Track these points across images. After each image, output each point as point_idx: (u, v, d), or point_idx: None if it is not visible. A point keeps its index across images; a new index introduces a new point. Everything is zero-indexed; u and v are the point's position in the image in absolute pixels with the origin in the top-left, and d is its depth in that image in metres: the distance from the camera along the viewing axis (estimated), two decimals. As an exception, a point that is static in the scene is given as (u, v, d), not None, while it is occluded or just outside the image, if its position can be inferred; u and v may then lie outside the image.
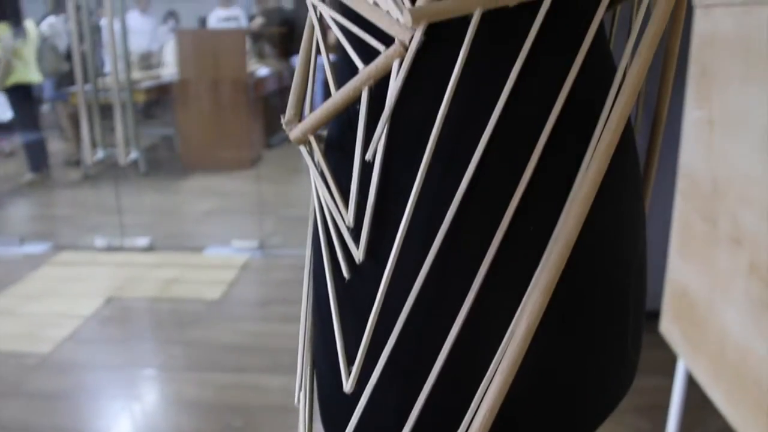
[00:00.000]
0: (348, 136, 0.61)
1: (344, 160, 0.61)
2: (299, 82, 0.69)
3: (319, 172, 0.63)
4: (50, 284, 3.51)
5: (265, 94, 6.47)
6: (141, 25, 7.29)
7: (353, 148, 0.58)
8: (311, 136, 0.63)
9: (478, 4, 0.50)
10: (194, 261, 3.72)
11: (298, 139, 0.64)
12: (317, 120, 0.61)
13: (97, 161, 4.07)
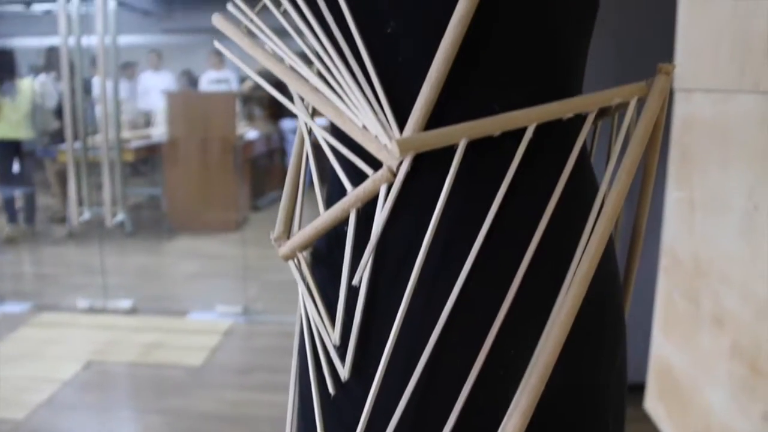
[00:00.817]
0: (335, 253, 0.62)
1: (331, 276, 0.63)
2: (288, 198, 0.71)
3: (306, 289, 0.65)
4: (29, 346, 3.46)
5: (253, 156, 6.52)
6: (155, 83, 7.40)
7: (340, 264, 0.59)
8: (300, 254, 0.65)
9: (463, 134, 0.52)
10: (177, 325, 3.69)
11: (287, 256, 0.66)
12: (306, 238, 0.63)
13: (83, 221, 4.06)
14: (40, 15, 11.12)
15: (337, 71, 0.58)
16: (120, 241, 5.45)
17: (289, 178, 0.72)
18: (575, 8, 0.60)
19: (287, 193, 0.72)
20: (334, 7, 0.58)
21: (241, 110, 6.82)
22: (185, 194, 5.92)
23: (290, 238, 0.67)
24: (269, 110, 7.72)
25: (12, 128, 5.76)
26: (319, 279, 0.65)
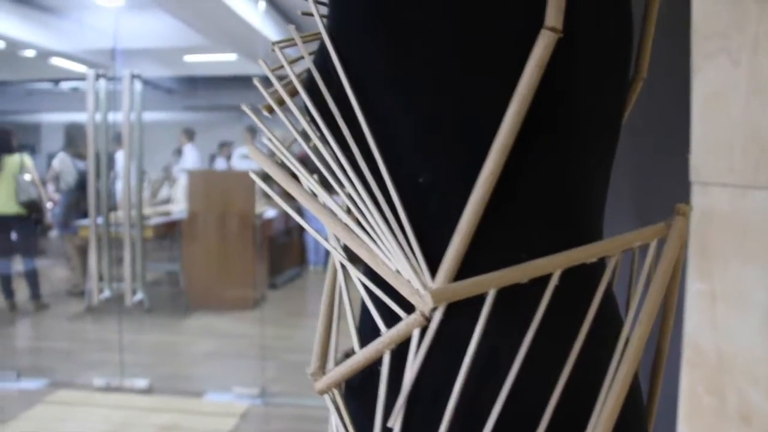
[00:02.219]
0: (369, 388, 0.64)
1: (364, 411, 0.65)
2: (322, 331, 0.73)
3: (340, 421, 0.67)
4: (43, 425, 3.45)
5: (271, 234, 6.57)
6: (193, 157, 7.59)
7: (373, 399, 0.62)
8: (335, 389, 0.67)
9: (492, 284, 0.55)
10: (193, 407, 3.66)
11: (322, 391, 0.68)
12: (342, 375, 0.66)
13: (103, 299, 4.10)
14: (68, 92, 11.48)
15: (371, 217, 0.61)
16: (137, 317, 5.47)
17: (323, 311, 0.75)
18: (596, 159, 0.64)
19: (322, 325, 0.74)
20: (368, 155, 0.62)
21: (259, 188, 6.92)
22: (203, 271, 5.95)
23: (326, 372, 0.70)
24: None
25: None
26: (353, 412, 0.68)
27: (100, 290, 4.10)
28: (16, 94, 11.02)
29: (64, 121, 10.25)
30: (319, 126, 0.67)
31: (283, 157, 0.73)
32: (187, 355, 4.84)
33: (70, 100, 11.71)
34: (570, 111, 0.60)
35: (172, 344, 5.09)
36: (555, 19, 0.54)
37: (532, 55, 0.55)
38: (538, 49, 0.54)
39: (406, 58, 0.60)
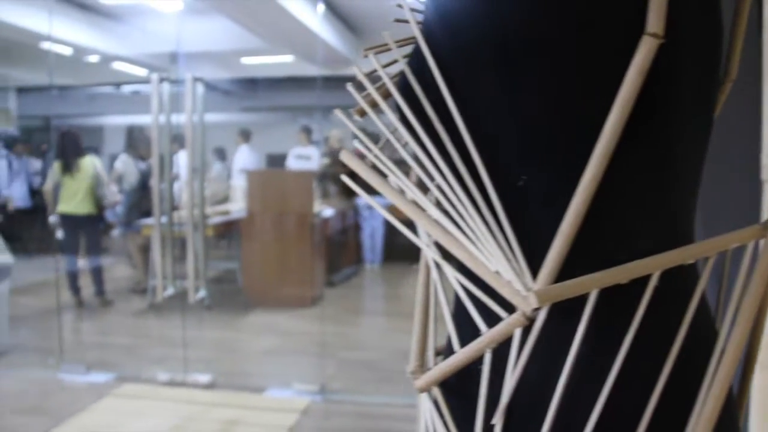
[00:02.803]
0: (469, 385, 0.66)
1: (462, 408, 0.66)
2: (419, 330, 0.74)
3: (440, 419, 0.68)
4: (112, 417, 3.55)
5: (328, 233, 6.63)
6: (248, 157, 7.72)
7: (472, 397, 0.63)
8: (435, 387, 0.68)
9: (595, 284, 0.56)
10: (255, 402, 3.73)
11: (423, 389, 0.69)
12: (442, 374, 0.67)
13: (167, 296, 4.20)
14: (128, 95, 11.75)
15: (470, 218, 0.63)
16: (198, 314, 5.58)
17: (419, 309, 0.76)
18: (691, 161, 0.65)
19: (418, 323, 0.76)
20: (466, 157, 0.63)
21: (316, 187, 6.98)
22: (262, 270, 6.04)
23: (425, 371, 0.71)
24: (342, 187, 7.89)
25: (69, 203, 6.05)
26: (453, 407, 0.69)
27: (164, 288, 4.19)
28: (80, 98, 11.32)
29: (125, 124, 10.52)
30: (415, 128, 0.68)
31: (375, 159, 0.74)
32: (248, 351, 4.93)
33: (131, 103, 12.00)
34: (668, 114, 0.61)
35: (232, 341, 5.18)
36: (657, 25, 0.55)
37: (634, 62, 0.56)
38: (640, 56, 0.55)
39: (509, 65, 0.62)
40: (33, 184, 9.60)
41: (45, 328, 5.85)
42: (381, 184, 0.73)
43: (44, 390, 4.00)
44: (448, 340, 0.74)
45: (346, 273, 7.31)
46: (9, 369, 4.41)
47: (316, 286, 6.11)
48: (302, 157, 7.72)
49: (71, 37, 8.20)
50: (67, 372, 4.24)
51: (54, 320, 5.99)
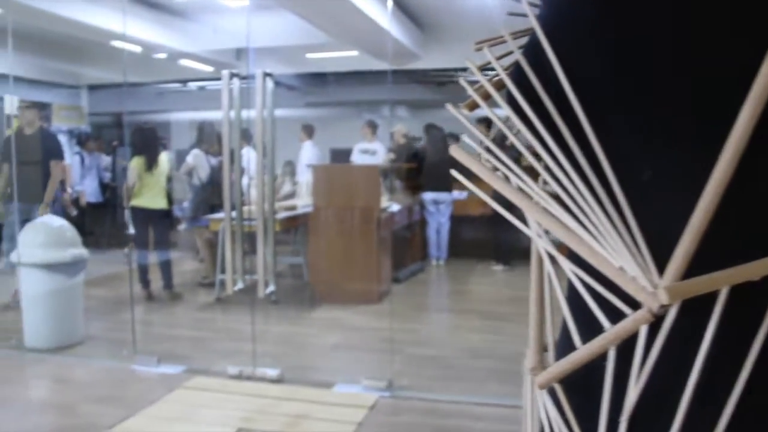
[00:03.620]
0: (592, 383, 0.63)
1: (586, 403, 0.64)
2: (536, 325, 0.72)
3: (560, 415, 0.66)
4: (183, 409, 3.60)
5: (394, 229, 6.62)
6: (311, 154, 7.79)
7: (594, 393, 0.61)
8: (556, 384, 0.66)
9: (726, 281, 0.53)
10: (323, 397, 3.73)
11: (543, 385, 0.68)
12: (563, 370, 0.65)
13: (236, 290, 4.24)
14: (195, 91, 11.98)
15: (593, 214, 0.60)
16: (265, 308, 5.63)
17: (534, 305, 0.73)
18: None
19: (534, 319, 0.73)
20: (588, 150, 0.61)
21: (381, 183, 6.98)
22: (328, 265, 6.06)
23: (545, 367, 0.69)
24: (407, 182, 7.87)
25: (145, 198, 6.20)
26: (575, 404, 0.67)
27: (234, 282, 4.24)
28: (149, 95, 11.59)
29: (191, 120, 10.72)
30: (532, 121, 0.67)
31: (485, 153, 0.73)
32: (316, 346, 4.95)
33: (198, 99, 12.24)
34: None
35: (300, 335, 5.21)
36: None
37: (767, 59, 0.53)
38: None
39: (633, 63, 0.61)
40: (103, 180, 9.87)
41: (116, 320, 6.00)
42: (492, 177, 0.71)
43: (118, 380, 4.09)
44: (562, 335, 0.73)
45: (411, 269, 7.29)
46: (84, 358, 4.53)
47: (382, 282, 6.10)
48: (367, 152, 7.73)
49: (141, 36, 8.39)
50: (140, 363, 4.32)
51: (124, 312, 6.13)
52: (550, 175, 0.65)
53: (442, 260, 7.93)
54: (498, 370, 4.20)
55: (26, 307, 4.81)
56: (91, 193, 9.32)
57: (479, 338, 4.93)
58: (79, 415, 3.51)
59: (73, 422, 3.42)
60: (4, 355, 4.68)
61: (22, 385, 4.16)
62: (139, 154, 6.19)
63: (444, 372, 4.18)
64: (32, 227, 5.01)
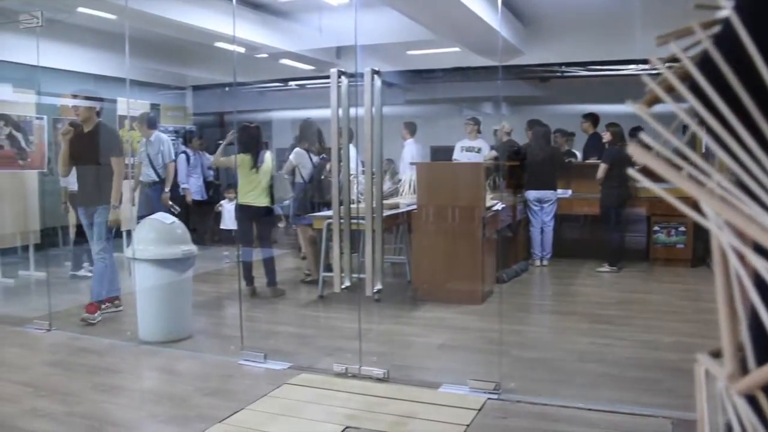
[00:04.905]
0: None
1: None
2: (729, 328, 0.64)
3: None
4: (290, 404, 3.62)
5: (498, 228, 6.49)
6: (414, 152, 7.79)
7: None
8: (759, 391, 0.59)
9: None
10: (429, 397, 3.68)
11: (744, 392, 0.60)
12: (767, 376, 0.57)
13: (344, 288, 4.24)
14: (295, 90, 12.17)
15: None
16: (367, 307, 5.64)
17: (724, 306, 0.65)
18: None
19: (728, 322, 0.65)
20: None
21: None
22: (431, 264, 6.01)
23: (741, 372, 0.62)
24: (512, 180, 7.73)
25: (249, 195, 6.29)
26: None
27: (341, 280, 4.24)
28: (250, 94, 11.84)
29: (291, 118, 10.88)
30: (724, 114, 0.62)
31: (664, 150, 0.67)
32: (420, 345, 4.90)
33: (297, 97, 12.43)
34: None
35: (403, 334, 5.18)
36: None
37: None
38: None
39: None
40: (207, 178, 10.14)
41: (221, 315, 6.15)
42: (675, 174, 0.64)
43: (226, 374, 4.16)
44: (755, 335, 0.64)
45: (515, 269, 7.15)
46: (193, 352, 4.64)
47: (486, 282, 6.00)
48: (470, 150, 7.65)
49: (246, 37, 8.58)
50: (247, 359, 4.38)
51: (228, 308, 6.29)
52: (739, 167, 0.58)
53: (546, 260, 7.76)
54: (609, 375, 4.05)
55: (140, 300, 4.98)
56: (196, 192, 9.58)
57: (587, 341, 4.76)
58: (191, 407, 3.58)
59: (185, 413, 3.49)
60: (120, 346, 4.86)
61: (137, 375, 4.29)
62: (244, 152, 6.31)
63: (552, 375, 4.06)
64: (146, 224, 5.18)
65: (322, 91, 10.53)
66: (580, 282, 7.21)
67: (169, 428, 3.32)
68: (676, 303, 6.19)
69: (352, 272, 4.31)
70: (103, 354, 4.74)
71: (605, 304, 6.08)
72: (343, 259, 4.21)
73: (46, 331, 5.27)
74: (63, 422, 3.44)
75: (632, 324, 5.30)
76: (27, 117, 7.81)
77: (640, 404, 3.47)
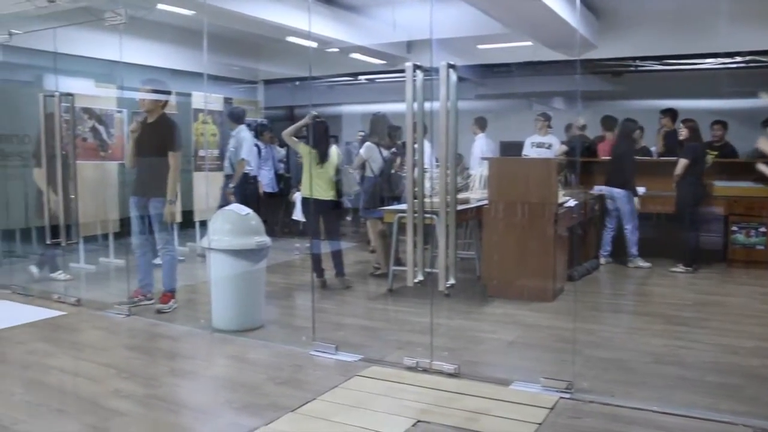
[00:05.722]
0: None
1: None
2: None
3: None
4: (362, 396, 3.64)
5: (570, 225, 6.39)
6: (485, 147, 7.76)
7: None
8: None
9: None
10: (501, 394, 3.65)
11: None
12: None
13: (416, 283, 4.25)
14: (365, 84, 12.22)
15: None
16: (437, 301, 5.62)
17: None
18: None
19: None
20: None
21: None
22: (502, 260, 5.96)
23: None
24: (583, 176, 7.60)
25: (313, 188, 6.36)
26: None
27: (414, 274, 4.25)
28: (320, 88, 11.96)
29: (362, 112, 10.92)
30: None
31: None
32: (490, 341, 4.88)
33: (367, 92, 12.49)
34: None
35: (473, 330, 5.16)
36: None
37: None
38: None
39: None
40: (278, 171, 10.28)
41: (292, 306, 6.24)
42: None
43: (297, 364, 4.22)
44: None
45: (586, 267, 7.03)
46: (265, 341, 4.72)
47: (557, 279, 5.92)
48: (540, 146, 7.54)
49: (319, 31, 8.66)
50: (318, 350, 4.44)
51: (297, 299, 6.38)
52: None
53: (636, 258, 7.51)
54: (685, 378, 3.95)
55: (214, 290, 5.09)
56: (267, 184, 9.73)
57: (662, 343, 4.65)
58: (265, 395, 3.65)
59: (259, 401, 3.56)
60: (195, 333, 4.99)
61: (211, 362, 4.40)
62: (312, 146, 6.39)
63: (626, 377, 3.98)
64: (221, 215, 5.30)
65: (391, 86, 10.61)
66: (653, 282, 7.03)
67: (243, 415, 3.39)
68: (756, 307, 5.98)
69: (425, 266, 4.31)
70: (178, 340, 4.88)
71: (680, 306, 5.92)
72: (416, 254, 4.21)
73: (125, 316, 5.45)
74: (144, 404, 3.56)
75: (709, 327, 5.15)
76: (108, 110, 8.08)
77: (718, 410, 3.35)
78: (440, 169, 4.10)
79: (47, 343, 4.74)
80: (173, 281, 5.73)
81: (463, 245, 7.26)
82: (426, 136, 4.75)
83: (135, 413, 3.43)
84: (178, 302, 5.72)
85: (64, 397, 3.76)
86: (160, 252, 5.78)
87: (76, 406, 3.57)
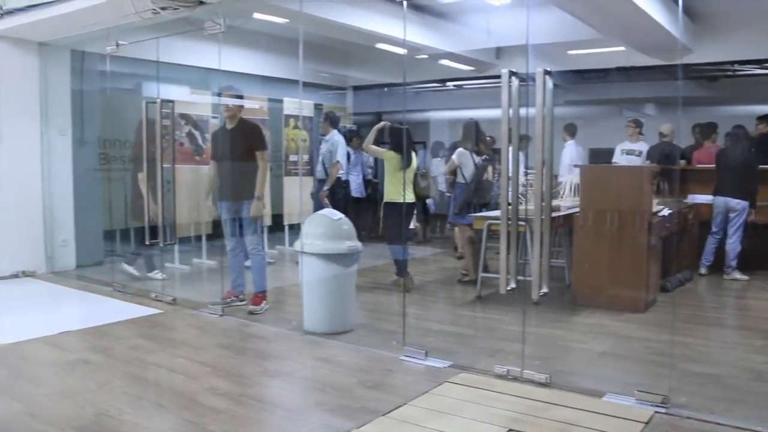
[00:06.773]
0: None
1: None
2: None
3: None
4: (452, 403, 3.66)
5: (664, 234, 6.23)
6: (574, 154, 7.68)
7: None
8: None
9: None
10: (593, 406, 3.60)
11: None
12: None
13: (509, 290, 4.24)
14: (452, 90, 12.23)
15: None
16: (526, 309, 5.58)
17: None
18: None
19: None
20: None
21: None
22: (592, 269, 5.87)
23: None
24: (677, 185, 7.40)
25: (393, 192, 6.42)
26: None
27: (507, 282, 4.24)
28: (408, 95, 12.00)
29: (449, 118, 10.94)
30: None
31: None
32: (582, 351, 4.81)
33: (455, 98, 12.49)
34: None
35: (564, 339, 5.10)
36: None
37: None
38: None
39: None
40: (366, 176, 10.40)
41: (380, 311, 6.30)
42: None
43: (387, 369, 4.27)
44: None
45: (679, 277, 6.83)
46: (355, 345, 4.79)
47: (650, 290, 5.79)
48: (630, 153, 7.38)
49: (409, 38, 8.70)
50: (408, 355, 4.48)
51: (386, 303, 6.44)
52: None
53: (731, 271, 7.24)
54: (789, 397, 3.80)
55: (306, 292, 5.21)
56: (356, 189, 9.84)
57: (763, 360, 4.49)
58: (356, 398, 3.71)
59: (351, 404, 3.63)
60: (286, 335, 5.12)
61: (302, 363, 4.49)
62: (395, 152, 6.47)
63: (725, 393, 3.86)
64: (314, 219, 5.42)
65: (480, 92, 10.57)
66: (751, 295, 6.78)
67: (335, 417, 3.45)
68: None
69: (517, 274, 4.30)
70: (270, 341, 5.01)
71: (784, 321, 5.70)
72: (509, 261, 4.20)
73: (219, 316, 5.64)
74: (238, 402, 3.68)
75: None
76: (204, 116, 8.38)
77: (827, 433, 3.23)
78: (535, 175, 4.09)
79: (146, 339, 4.96)
80: (264, 282, 5.88)
81: (553, 253, 7.17)
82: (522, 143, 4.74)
83: (229, 411, 3.55)
84: (268, 303, 5.87)
85: (162, 392, 3.94)
86: (250, 254, 5.95)
87: (174, 401, 3.72)
